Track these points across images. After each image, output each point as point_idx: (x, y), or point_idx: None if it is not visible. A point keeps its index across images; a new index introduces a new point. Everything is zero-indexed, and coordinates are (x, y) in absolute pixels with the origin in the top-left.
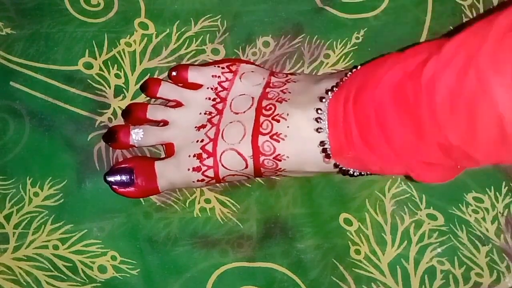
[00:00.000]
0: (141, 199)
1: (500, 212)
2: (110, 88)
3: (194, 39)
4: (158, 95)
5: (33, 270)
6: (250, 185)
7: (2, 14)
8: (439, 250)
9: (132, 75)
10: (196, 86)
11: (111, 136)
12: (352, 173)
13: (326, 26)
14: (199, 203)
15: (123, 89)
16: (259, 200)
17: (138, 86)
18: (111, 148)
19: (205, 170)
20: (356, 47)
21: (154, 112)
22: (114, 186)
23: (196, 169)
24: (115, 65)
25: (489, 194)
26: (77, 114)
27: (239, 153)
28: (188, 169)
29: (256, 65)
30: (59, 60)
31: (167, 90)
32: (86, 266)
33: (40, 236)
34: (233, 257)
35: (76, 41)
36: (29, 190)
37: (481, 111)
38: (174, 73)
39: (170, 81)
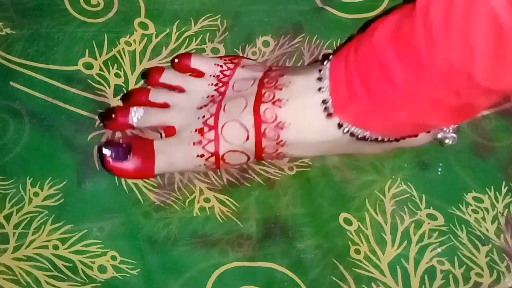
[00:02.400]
0: (141, 198)
1: (500, 212)
2: (110, 88)
3: (194, 38)
4: (160, 81)
5: (33, 270)
6: (249, 185)
7: (2, 14)
8: (439, 250)
9: (132, 74)
10: (198, 74)
11: (108, 115)
12: (357, 135)
13: (326, 26)
14: (198, 202)
15: (123, 89)
16: (258, 200)
17: (138, 86)
18: None
19: (206, 144)
20: None
21: (156, 95)
22: (108, 159)
23: (197, 143)
24: (115, 65)
25: (489, 194)
26: (77, 114)
27: (240, 123)
28: (189, 144)
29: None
30: (59, 60)
31: (170, 76)
32: (86, 266)
33: (40, 236)
34: (233, 257)
35: (76, 41)
36: (29, 190)
37: (475, 13)
38: (176, 60)
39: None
